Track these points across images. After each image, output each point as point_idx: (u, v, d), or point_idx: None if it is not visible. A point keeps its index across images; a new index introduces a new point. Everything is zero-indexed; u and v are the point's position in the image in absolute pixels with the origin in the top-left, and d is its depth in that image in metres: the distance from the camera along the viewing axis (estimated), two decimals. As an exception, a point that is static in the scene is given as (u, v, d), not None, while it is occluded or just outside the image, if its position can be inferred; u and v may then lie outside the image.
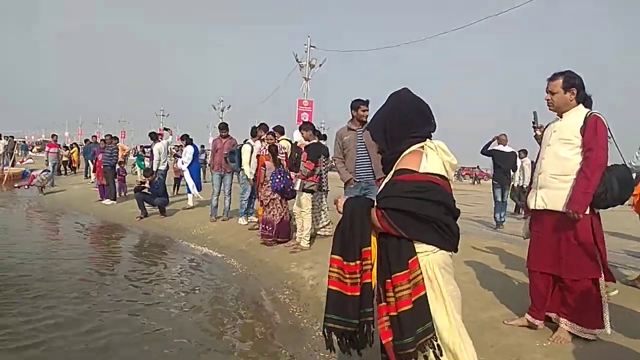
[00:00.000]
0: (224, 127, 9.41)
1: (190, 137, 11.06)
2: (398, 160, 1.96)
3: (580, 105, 3.16)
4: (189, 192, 10.59)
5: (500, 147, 8.69)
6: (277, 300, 5.24)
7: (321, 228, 7.14)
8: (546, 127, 3.38)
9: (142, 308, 4.81)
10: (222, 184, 9.13)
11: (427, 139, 1.97)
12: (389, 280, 1.84)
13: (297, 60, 23.13)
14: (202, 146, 17.70)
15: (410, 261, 1.83)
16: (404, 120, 1.98)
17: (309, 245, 6.56)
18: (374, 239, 1.91)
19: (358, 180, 5.36)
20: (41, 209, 12.52)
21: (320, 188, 6.86)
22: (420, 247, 1.85)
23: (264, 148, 7.42)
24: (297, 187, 6.63)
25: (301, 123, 18.28)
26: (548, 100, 3.21)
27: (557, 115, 3.26)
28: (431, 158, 1.89)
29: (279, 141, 7.59)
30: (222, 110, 43.04)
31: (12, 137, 24.74)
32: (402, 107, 2.01)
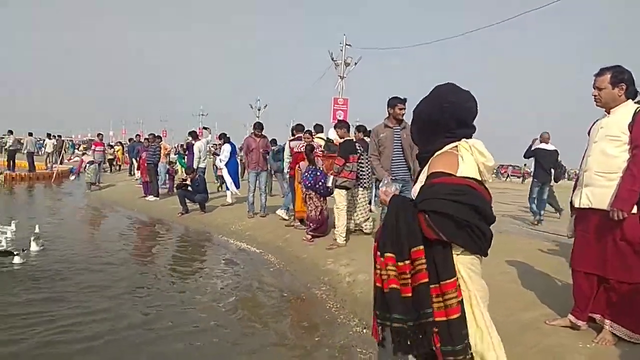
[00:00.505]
0: (258, 126, 9.56)
1: (228, 136, 11.31)
2: (430, 161, 1.93)
3: (630, 101, 3.06)
4: (227, 189, 10.85)
5: (543, 145, 8.69)
6: (314, 296, 5.33)
7: (360, 224, 7.17)
8: (593, 123, 3.29)
9: (184, 302, 5.01)
10: (258, 182, 9.28)
11: (462, 139, 1.93)
12: (437, 286, 1.80)
13: (332, 59, 23.17)
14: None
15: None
16: (438, 120, 1.94)
17: (345, 242, 6.58)
18: None
19: (394, 177, 5.37)
20: (89, 204, 13.11)
21: (360, 184, 6.94)
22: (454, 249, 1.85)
23: (301, 147, 7.58)
24: (329, 184, 6.66)
25: (336, 121, 18.31)
26: (595, 96, 3.12)
27: (605, 111, 3.16)
28: (466, 160, 1.86)
29: (313, 139, 7.73)
30: (259, 110, 43.61)
31: (60, 136, 25.97)
32: (438, 105, 1.95)
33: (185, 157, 13.42)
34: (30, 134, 21.69)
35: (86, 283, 5.31)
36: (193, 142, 12.20)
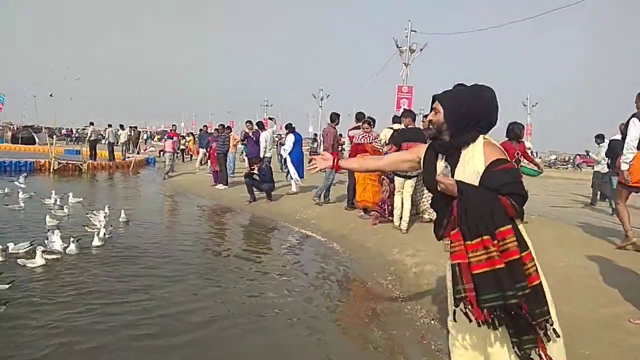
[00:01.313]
0: (334, 117, 9.60)
1: (293, 126, 11.53)
2: (484, 150, 2.09)
3: None
4: (292, 178, 11.09)
5: (617, 137, 8.22)
6: (380, 285, 5.34)
7: (422, 212, 7.17)
8: None
9: (254, 289, 5.17)
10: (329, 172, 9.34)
11: (481, 133, 2.16)
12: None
13: (397, 46, 22.75)
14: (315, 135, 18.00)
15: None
16: (481, 116, 2.16)
17: (407, 229, 6.71)
18: None
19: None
20: (164, 192, 13.92)
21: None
22: None
23: (362, 137, 7.66)
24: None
25: (400, 110, 17.98)
26: None
27: None
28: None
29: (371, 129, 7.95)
30: (322, 99, 43.85)
31: (136, 127, 27.65)
32: (484, 105, 2.18)
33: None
34: (110, 126, 23.30)
35: (160, 269, 5.60)
36: (249, 132, 12.54)
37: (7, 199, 9.54)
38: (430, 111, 2.27)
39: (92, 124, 22.21)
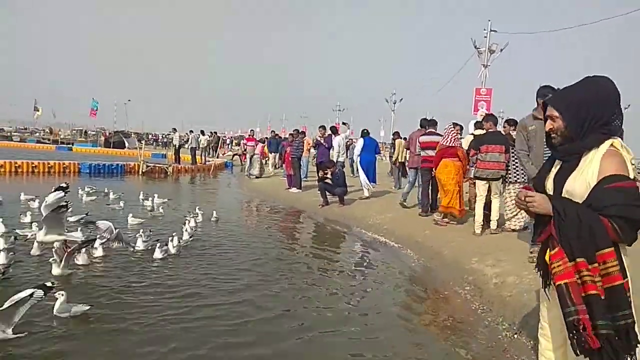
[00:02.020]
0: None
1: (367, 131, 11.52)
2: (601, 162, 1.86)
3: None
4: (363, 183, 11.08)
5: None
6: (457, 295, 5.16)
7: (507, 220, 6.90)
8: None
9: (326, 292, 5.18)
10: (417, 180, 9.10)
11: (611, 137, 1.90)
12: None
13: (475, 47, 21.97)
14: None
15: None
16: (602, 115, 1.90)
17: (480, 233, 6.73)
18: None
19: None
20: (241, 194, 14.49)
21: (507, 179, 6.86)
22: None
23: (454, 140, 7.51)
24: (470, 174, 7.05)
25: (478, 113, 17.31)
26: None
27: None
28: (627, 160, 1.86)
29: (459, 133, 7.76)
30: (394, 103, 43.41)
31: (216, 132, 29.06)
32: (606, 100, 1.92)
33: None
34: (191, 131, 24.65)
35: (246, 271, 5.82)
36: (320, 138, 12.58)
37: (107, 198, 10.44)
38: (545, 120, 2.05)
39: (175, 130, 23.64)
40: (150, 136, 49.74)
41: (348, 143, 16.49)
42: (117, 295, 4.48)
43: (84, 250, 5.28)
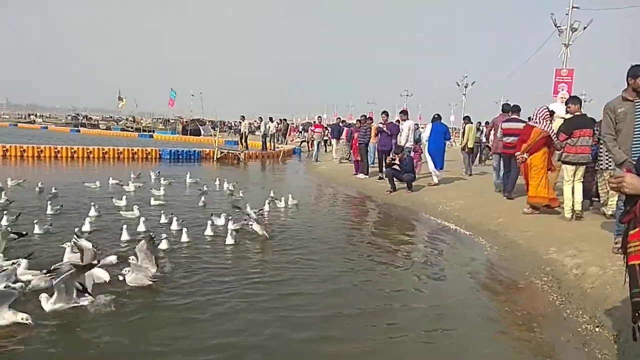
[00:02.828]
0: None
1: (438, 115, 11.24)
2: None
3: None
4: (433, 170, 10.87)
5: None
6: (533, 285, 4.98)
7: (604, 205, 6.73)
8: None
9: (397, 282, 5.17)
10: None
11: None
12: None
13: (555, 25, 20.51)
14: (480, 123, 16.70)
15: None
16: None
17: (570, 217, 6.57)
18: None
19: (634, 160, 4.52)
20: (310, 179, 14.76)
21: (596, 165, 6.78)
22: None
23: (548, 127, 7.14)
24: (555, 159, 7.00)
25: (558, 95, 16.28)
26: None
27: None
28: None
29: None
30: (466, 87, 41.77)
31: (285, 119, 29.61)
32: None
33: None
34: (261, 119, 25.29)
35: (322, 262, 5.96)
36: (383, 124, 12.32)
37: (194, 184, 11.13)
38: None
39: (243, 117, 24.29)
40: (223, 124, 51.68)
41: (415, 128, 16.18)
42: (200, 280, 4.67)
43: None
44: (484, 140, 14.78)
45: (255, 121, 27.79)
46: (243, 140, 22.40)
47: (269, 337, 3.53)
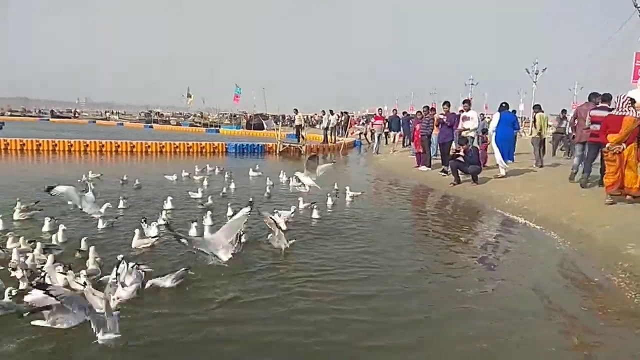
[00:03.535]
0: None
1: (505, 104, 10.79)
2: None
3: None
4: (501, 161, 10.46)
5: None
6: (609, 282, 4.70)
7: None
8: None
9: (459, 278, 5.07)
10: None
11: None
12: None
13: (635, 6, 18.91)
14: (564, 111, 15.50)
15: None
16: None
17: None
18: None
19: None
20: (371, 172, 14.71)
21: None
22: None
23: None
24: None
25: (637, 81, 15.04)
26: None
27: None
28: None
29: None
30: (536, 74, 39.57)
31: (346, 112, 29.58)
32: None
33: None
34: (323, 112, 25.41)
35: (383, 254, 6.01)
36: (443, 115, 11.93)
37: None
38: None
39: (296, 111, 24.38)
40: (285, 117, 52.63)
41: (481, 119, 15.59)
42: (264, 277, 4.78)
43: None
44: (570, 130, 13.92)
45: (316, 114, 28.04)
46: (299, 133, 22.57)
47: (336, 342, 3.40)
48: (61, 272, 3.95)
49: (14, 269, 4.16)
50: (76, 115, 59.73)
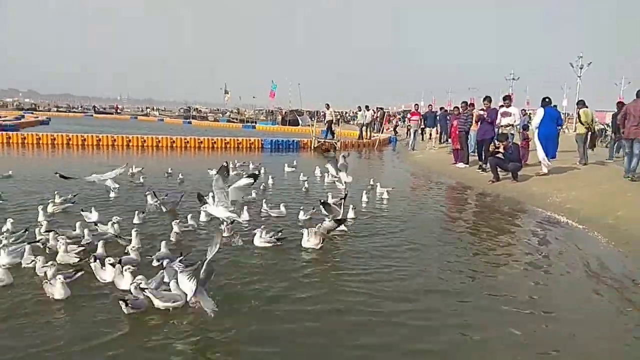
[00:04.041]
0: None
1: (548, 99, 10.45)
2: None
3: None
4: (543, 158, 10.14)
5: None
6: (658, 285, 4.49)
7: None
8: None
9: (500, 279, 4.96)
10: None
11: None
12: None
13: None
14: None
15: None
16: None
17: None
18: None
19: None
20: (406, 169, 14.57)
21: None
22: None
23: None
24: None
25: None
26: None
27: None
28: None
29: None
30: (581, 68, 38.02)
31: (382, 108, 29.33)
32: None
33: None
34: (359, 108, 25.22)
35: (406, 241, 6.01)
36: (483, 112, 11.59)
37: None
38: None
39: (328, 106, 24.19)
40: (320, 113, 52.75)
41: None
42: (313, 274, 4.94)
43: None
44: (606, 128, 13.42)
45: (351, 110, 27.93)
46: (330, 129, 22.43)
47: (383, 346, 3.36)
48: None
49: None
50: (117, 111, 61.81)
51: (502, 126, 10.85)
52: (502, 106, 11.42)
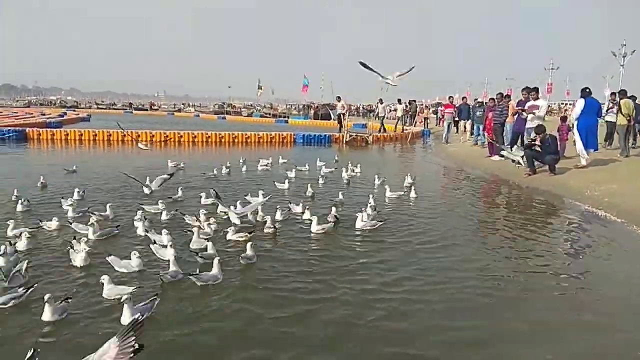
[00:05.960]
0: None
1: (588, 89, 10.13)
2: None
3: None
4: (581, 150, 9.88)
5: None
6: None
7: None
8: None
9: (536, 280, 4.87)
10: None
11: None
12: None
13: None
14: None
15: None
16: None
17: None
18: None
19: None
20: (439, 162, 14.44)
21: None
22: None
23: None
24: None
25: None
26: None
27: None
28: None
29: None
30: (624, 57, 36.35)
31: (415, 101, 28.97)
32: None
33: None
34: (399, 101, 24.81)
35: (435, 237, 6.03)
36: (510, 104, 11.27)
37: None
38: None
39: (339, 98, 23.79)
40: (352, 107, 52.55)
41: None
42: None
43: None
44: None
45: (388, 105, 27.64)
46: (341, 122, 22.11)
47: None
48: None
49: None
50: (153, 107, 63.57)
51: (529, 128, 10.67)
52: (527, 99, 11.16)
